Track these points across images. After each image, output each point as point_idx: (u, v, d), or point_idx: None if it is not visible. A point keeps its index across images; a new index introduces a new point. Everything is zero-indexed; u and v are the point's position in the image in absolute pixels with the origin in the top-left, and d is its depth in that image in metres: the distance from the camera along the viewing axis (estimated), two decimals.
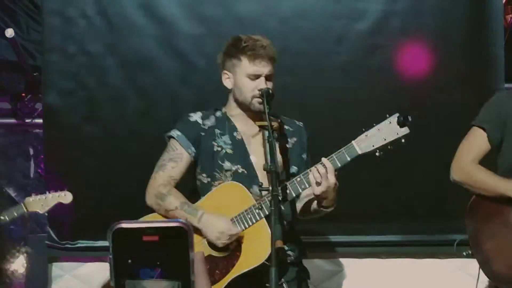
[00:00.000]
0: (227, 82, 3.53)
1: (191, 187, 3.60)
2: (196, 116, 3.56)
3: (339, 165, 3.31)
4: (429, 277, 4.73)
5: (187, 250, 0.95)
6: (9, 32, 5.20)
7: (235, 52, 3.47)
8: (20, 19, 5.55)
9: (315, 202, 3.42)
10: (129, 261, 0.96)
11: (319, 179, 3.25)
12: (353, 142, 3.33)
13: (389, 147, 3.33)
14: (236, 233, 3.34)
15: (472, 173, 3.62)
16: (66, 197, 4.27)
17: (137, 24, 4.78)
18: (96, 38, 4.79)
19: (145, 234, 0.94)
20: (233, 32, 4.50)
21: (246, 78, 3.44)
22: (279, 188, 3.21)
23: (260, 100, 3.37)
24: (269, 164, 3.23)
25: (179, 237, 0.95)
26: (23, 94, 5.49)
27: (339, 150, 3.34)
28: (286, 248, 3.35)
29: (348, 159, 3.32)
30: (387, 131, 3.31)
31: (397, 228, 4.79)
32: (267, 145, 3.29)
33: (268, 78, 3.44)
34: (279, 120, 3.54)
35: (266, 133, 3.37)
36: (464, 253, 3.70)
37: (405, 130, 3.28)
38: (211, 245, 3.40)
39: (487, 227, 3.62)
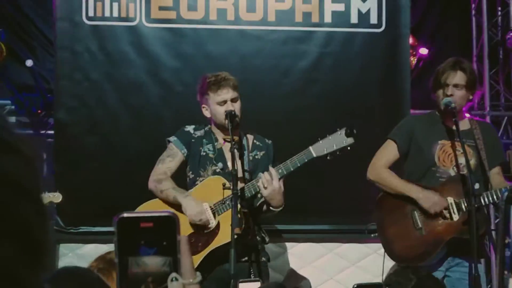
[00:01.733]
0: (206, 112, 3.60)
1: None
2: (189, 128, 3.65)
3: (286, 172, 3.39)
4: (351, 256, 4.75)
5: (175, 234, 0.95)
6: (29, 63, 5.17)
7: (205, 89, 3.54)
8: (38, 52, 5.50)
9: (265, 204, 3.46)
10: (132, 242, 0.94)
11: (265, 184, 3.29)
12: (310, 147, 3.37)
13: (337, 152, 3.38)
14: (206, 219, 3.39)
15: (382, 175, 3.68)
16: (56, 197, 4.21)
17: (129, 57, 4.74)
18: (97, 68, 4.74)
19: (142, 221, 0.95)
20: (204, 66, 4.57)
21: (217, 105, 3.49)
22: (239, 189, 3.29)
23: (229, 117, 3.42)
24: (232, 168, 3.28)
25: (169, 224, 0.95)
26: (39, 111, 5.44)
27: (292, 158, 3.39)
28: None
29: (306, 160, 3.37)
30: (337, 140, 3.36)
31: (327, 219, 4.79)
32: (233, 153, 3.32)
33: (233, 101, 3.49)
34: (243, 135, 3.62)
35: (243, 148, 3.54)
36: (372, 235, 3.77)
37: (350, 140, 3.34)
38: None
39: (390, 217, 3.68)
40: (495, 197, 3.45)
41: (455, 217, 3.51)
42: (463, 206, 3.48)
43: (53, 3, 4.73)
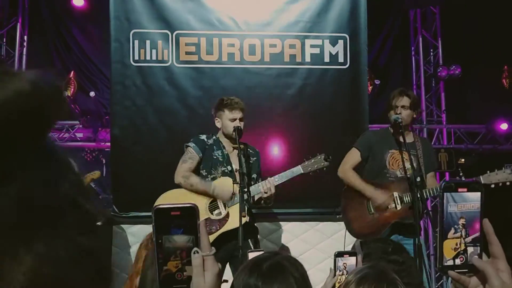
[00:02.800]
0: (218, 124, 3.56)
1: None
2: (203, 136, 3.61)
3: (280, 181, 3.42)
4: (327, 231, 4.70)
5: (196, 219, 0.95)
6: (92, 94, 5.15)
7: (221, 107, 3.50)
8: (98, 86, 5.49)
9: (263, 200, 3.43)
10: (165, 225, 0.94)
11: (266, 190, 3.28)
12: (299, 165, 3.41)
13: (317, 170, 3.40)
14: (235, 192, 3.37)
15: (347, 175, 3.66)
16: (95, 173, 3.98)
17: (165, 89, 4.70)
18: (141, 97, 4.69)
19: (172, 211, 0.95)
20: (219, 94, 4.46)
21: (229, 121, 3.44)
22: (246, 190, 3.27)
23: (236, 130, 3.41)
24: (240, 168, 3.26)
25: (192, 212, 0.95)
26: (100, 128, 5.42)
27: (286, 171, 3.40)
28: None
29: (294, 175, 3.37)
30: (317, 162, 3.40)
31: (308, 204, 4.72)
32: (240, 158, 3.30)
33: (240, 120, 3.48)
34: (243, 145, 3.56)
35: (242, 155, 3.43)
36: (337, 217, 3.76)
37: (327, 164, 3.42)
38: (211, 210, 3.39)
39: (350, 204, 3.67)
40: (431, 193, 3.45)
41: (399, 207, 3.51)
42: (405, 199, 3.49)
43: (110, 50, 4.70)
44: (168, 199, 3.45)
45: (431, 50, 6.08)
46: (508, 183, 3.38)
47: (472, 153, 6.09)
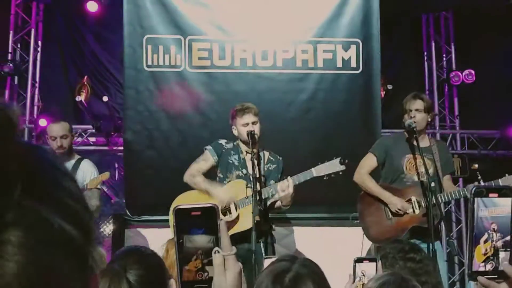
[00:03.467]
0: (235, 131, 3.57)
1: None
2: (222, 141, 3.62)
3: (298, 182, 3.34)
4: (339, 237, 4.66)
5: (216, 219, 0.95)
6: (105, 98, 5.18)
7: (235, 115, 3.51)
8: (111, 91, 5.52)
9: (279, 202, 3.40)
10: (186, 225, 0.94)
11: (284, 188, 3.26)
12: (312, 169, 3.37)
13: (332, 175, 3.35)
14: (230, 200, 3.38)
15: (364, 180, 3.64)
16: (105, 174, 3.84)
17: (177, 94, 4.71)
18: (154, 101, 4.71)
19: (192, 211, 0.95)
20: (231, 100, 4.51)
21: (241, 126, 3.44)
22: (260, 190, 3.27)
23: (252, 135, 3.41)
24: (252, 173, 3.25)
25: (212, 212, 0.95)
26: (113, 133, 5.44)
27: (301, 173, 3.36)
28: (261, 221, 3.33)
29: (308, 178, 3.34)
30: (333, 166, 3.36)
31: (322, 209, 4.71)
32: (253, 161, 3.29)
33: (254, 123, 3.47)
34: (261, 149, 3.60)
35: (260, 161, 3.51)
36: (354, 221, 3.73)
37: (342, 167, 3.38)
38: (223, 213, 3.43)
39: (368, 209, 3.64)
40: (448, 197, 3.45)
41: (417, 211, 3.49)
42: (423, 203, 3.46)
43: (123, 55, 4.73)
44: (184, 200, 3.46)
45: (444, 55, 6.04)
46: None
47: (485, 158, 6.03)
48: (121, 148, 5.07)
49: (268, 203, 3.50)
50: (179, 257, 0.94)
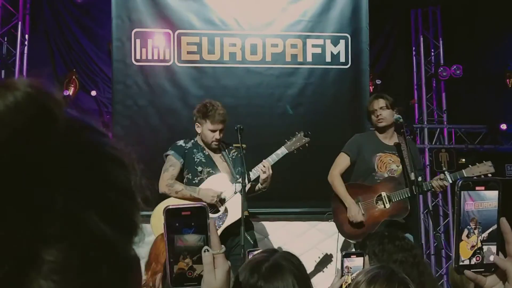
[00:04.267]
0: (197, 129, 3.53)
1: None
2: (180, 142, 3.57)
3: (273, 162, 3.42)
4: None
5: (206, 219, 0.97)
6: (93, 93, 5.14)
7: (203, 115, 3.46)
8: (100, 85, 5.48)
9: (259, 185, 3.43)
10: (176, 225, 0.96)
11: (265, 170, 3.28)
12: (283, 146, 3.39)
13: (300, 148, 3.48)
14: (219, 194, 3.35)
15: (333, 181, 3.76)
16: None
17: (166, 89, 4.69)
18: (142, 97, 4.68)
19: (183, 211, 0.96)
20: (220, 94, 4.51)
21: (208, 131, 3.43)
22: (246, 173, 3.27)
23: (216, 143, 3.44)
24: (240, 169, 3.25)
25: (202, 212, 0.97)
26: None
27: (274, 153, 3.40)
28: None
29: (281, 156, 3.43)
30: (298, 139, 3.42)
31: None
32: (228, 159, 3.41)
33: (221, 131, 3.45)
34: (224, 145, 3.60)
35: (223, 152, 3.55)
36: (329, 220, 3.80)
37: (307, 139, 3.51)
38: (210, 212, 3.38)
39: (341, 206, 3.74)
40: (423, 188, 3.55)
41: (387, 205, 3.60)
42: (393, 198, 3.58)
43: (111, 49, 4.70)
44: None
45: (432, 50, 6.08)
46: (489, 174, 3.51)
47: (473, 153, 6.09)
48: None
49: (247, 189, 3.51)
50: (170, 256, 0.96)
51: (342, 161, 3.81)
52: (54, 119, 0.41)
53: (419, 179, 3.45)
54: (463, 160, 6.20)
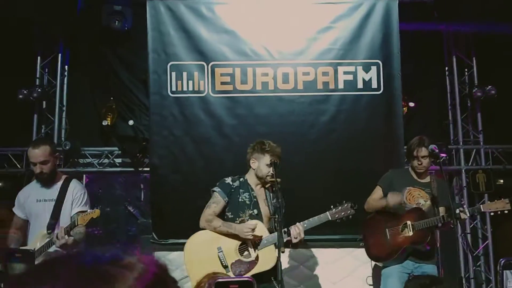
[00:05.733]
0: (253, 164, 3.58)
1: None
2: (228, 180, 3.61)
3: (308, 227, 3.47)
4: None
5: None
6: (131, 122, 5.31)
7: (261, 151, 3.54)
8: (137, 114, 5.65)
9: (290, 245, 3.54)
10: None
11: (296, 235, 3.40)
12: (327, 212, 3.47)
13: (343, 218, 3.51)
14: (254, 227, 3.40)
15: (370, 202, 4.00)
16: (95, 212, 3.40)
17: (201, 118, 4.85)
18: (178, 127, 4.85)
19: (231, 284, 1.04)
20: (253, 123, 4.63)
21: (266, 166, 3.51)
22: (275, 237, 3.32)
23: (270, 176, 3.48)
24: (275, 201, 3.33)
25: (249, 285, 1.04)
26: (138, 155, 5.57)
27: (314, 217, 3.47)
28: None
29: (322, 222, 3.48)
30: (344, 210, 3.49)
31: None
32: (277, 193, 3.36)
33: (275, 166, 3.49)
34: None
35: (267, 192, 3.58)
36: (360, 244, 3.93)
37: (353, 211, 3.55)
38: (241, 253, 3.44)
39: (370, 232, 4.02)
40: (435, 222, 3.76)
41: (410, 233, 3.84)
42: (416, 227, 3.83)
43: (148, 81, 4.87)
44: (197, 241, 3.52)
45: (466, 70, 6.04)
46: (506, 211, 3.76)
47: (511, 173, 6.00)
48: (146, 169, 5.20)
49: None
50: None
51: (376, 193, 4.04)
52: None
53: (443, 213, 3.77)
54: (502, 181, 6.11)
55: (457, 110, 6.02)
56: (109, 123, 5.45)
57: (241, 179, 3.61)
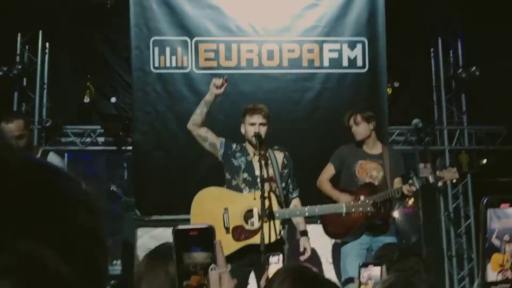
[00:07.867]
0: (242, 130, 3.57)
1: None
2: (233, 144, 3.62)
3: (322, 213, 3.62)
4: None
5: (213, 239, 1.03)
6: (113, 99, 5.28)
7: (244, 113, 3.53)
8: (120, 91, 5.61)
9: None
10: (183, 244, 1.03)
11: (302, 250, 3.55)
12: (343, 203, 3.52)
13: (360, 214, 3.58)
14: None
15: (322, 184, 4.00)
16: None
17: (184, 95, 4.83)
18: (161, 103, 4.83)
19: (191, 231, 1.03)
20: (238, 100, 4.60)
21: (249, 126, 3.47)
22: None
23: (256, 138, 3.38)
24: (260, 174, 3.30)
25: (209, 232, 1.03)
26: (120, 133, 5.53)
27: (329, 205, 3.60)
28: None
29: (338, 211, 3.49)
30: (364, 206, 3.48)
31: None
32: (261, 163, 3.24)
33: (261, 125, 3.46)
34: (271, 150, 3.61)
35: (271, 156, 3.55)
36: (318, 222, 3.95)
37: (373, 209, 3.49)
38: (245, 220, 3.39)
39: None
40: (392, 194, 3.79)
41: None
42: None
43: (130, 58, 4.83)
44: (206, 197, 3.44)
45: (452, 51, 6.08)
46: (454, 180, 3.86)
47: (493, 154, 6.09)
48: (130, 148, 5.17)
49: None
50: (179, 273, 1.03)
51: (328, 170, 4.08)
52: (5, 163, 0.42)
53: (399, 184, 3.81)
54: (484, 161, 6.20)
55: (441, 91, 6.08)
56: (88, 100, 5.39)
57: (242, 145, 3.60)
